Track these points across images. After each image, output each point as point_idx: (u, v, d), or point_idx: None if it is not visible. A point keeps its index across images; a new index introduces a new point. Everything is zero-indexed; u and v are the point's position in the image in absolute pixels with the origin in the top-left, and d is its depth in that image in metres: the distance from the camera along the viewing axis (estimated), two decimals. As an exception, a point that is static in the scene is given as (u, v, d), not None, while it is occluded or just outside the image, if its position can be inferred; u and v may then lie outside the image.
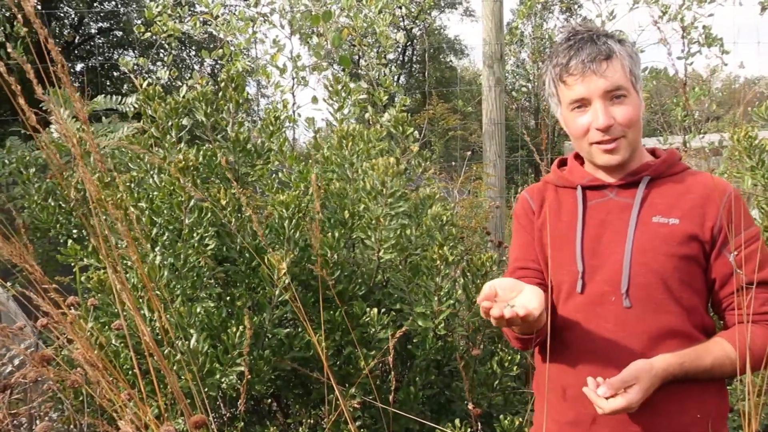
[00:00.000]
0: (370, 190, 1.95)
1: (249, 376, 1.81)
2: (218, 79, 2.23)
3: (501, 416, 1.88)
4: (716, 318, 1.38)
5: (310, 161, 2.38)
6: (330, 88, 2.59)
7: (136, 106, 3.37)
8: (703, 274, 1.31)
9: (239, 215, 1.96)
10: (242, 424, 1.84)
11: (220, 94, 2.15)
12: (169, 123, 2.13)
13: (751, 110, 2.66)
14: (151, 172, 2.14)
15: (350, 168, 2.17)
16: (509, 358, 2.07)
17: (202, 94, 2.12)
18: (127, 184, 2.04)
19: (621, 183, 1.36)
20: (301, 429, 2.00)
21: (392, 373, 1.89)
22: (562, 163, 1.50)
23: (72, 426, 1.88)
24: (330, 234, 1.98)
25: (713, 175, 1.37)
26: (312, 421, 2.06)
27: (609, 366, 1.27)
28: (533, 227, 1.45)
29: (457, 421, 1.83)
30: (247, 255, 1.97)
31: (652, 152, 1.42)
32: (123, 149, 2.19)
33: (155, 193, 2.01)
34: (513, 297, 1.15)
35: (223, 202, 1.92)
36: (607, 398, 1.19)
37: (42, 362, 1.32)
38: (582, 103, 1.32)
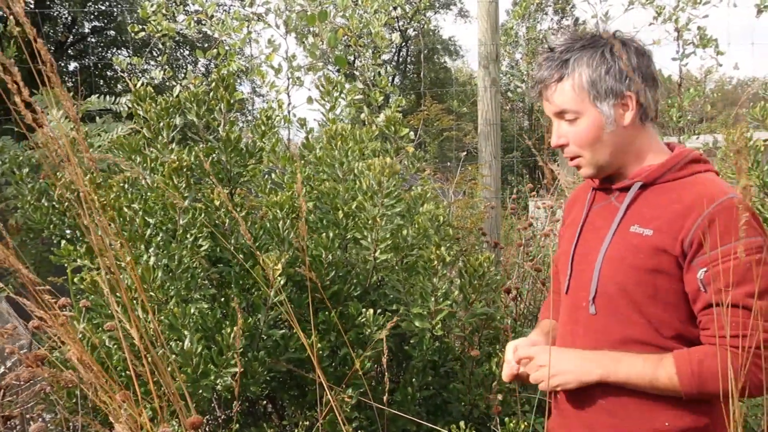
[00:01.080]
0: (366, 189, 1.94)
1: (244, 378, 1.80)
2: (210, 78, 2.21)
3: (506, 419, 1.85)
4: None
5: (302, 161, 2.36)
6: (321, 88, 2.58)
7: (129, 105, 3.34)
8: (680, 287, 1.24)
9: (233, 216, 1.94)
10: (237, 425, 1.83)
11: (212, 94, 2.14)
12: (161, 123, 2.12)
13: (745, 111, 2.65)
14: (145, 173, 2.12)
15: (341, 168, 2.16)
16: (506, 358, 2.06)
17: (193, 94, 2.11)
18: (121, 184, 2.03)
19: (619, 187, 1.35)
20: (296, 430, 1.99)
21: (387, 373, 1.88)
22: None
23: (65, 428, 1.86)
24: (324, 234, 1.97)
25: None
26: (308, 423, 2.05)
27: None
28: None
29: (461, 423, 1.80)
30: (241, 256, 1.96)
31: (672, 149, 1.35)
32: (117, 149, 2.17)
33: (149, 193, 2.00)
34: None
35: (217, 203, 1.91)
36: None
37: (36, 362, 1.31)
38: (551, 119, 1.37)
